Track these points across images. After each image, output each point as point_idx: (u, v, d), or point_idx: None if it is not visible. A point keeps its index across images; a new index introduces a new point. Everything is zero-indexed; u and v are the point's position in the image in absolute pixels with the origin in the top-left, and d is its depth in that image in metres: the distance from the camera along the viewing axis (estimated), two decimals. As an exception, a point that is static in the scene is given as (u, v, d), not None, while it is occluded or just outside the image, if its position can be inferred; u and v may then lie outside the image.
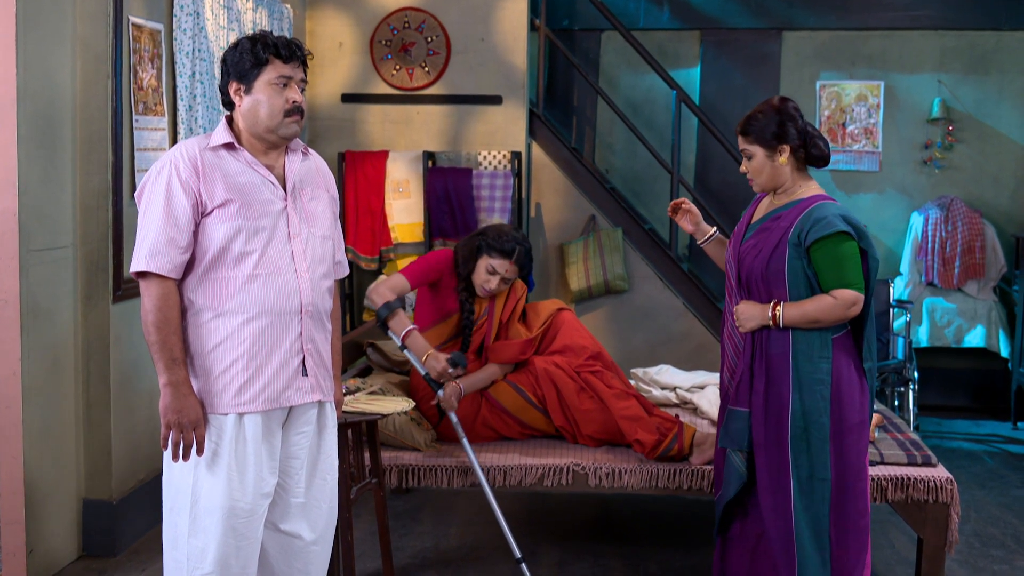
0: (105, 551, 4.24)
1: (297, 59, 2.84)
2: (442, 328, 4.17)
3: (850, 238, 3.15)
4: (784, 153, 3.25)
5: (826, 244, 3.14)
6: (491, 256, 4.09)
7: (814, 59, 7.42)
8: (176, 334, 2.73)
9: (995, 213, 7.30)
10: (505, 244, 4.09)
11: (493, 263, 4.09)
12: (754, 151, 3.27)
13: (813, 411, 3.18)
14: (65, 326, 4.11)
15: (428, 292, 4.20)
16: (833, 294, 3.15)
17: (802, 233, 3.16)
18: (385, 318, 3.88)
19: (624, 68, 7.49)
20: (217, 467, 2.75)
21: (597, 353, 4.26)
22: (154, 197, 2.75)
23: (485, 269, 4.10)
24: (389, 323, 3.89)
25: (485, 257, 4.10)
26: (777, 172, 3.27)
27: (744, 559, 3.41)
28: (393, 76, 6.48)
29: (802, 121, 3.27)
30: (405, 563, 4.25)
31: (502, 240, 4.10)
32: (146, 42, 4.37)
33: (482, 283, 4.12)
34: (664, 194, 7.19)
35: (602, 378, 4.12)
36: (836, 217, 3.15)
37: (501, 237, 4.11)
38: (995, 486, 5.50)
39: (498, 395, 4.11)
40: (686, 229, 3.63)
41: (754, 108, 3.32)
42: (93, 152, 4.16)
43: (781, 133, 3.24)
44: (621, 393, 4.07)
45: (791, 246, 3.17)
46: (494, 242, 4.09)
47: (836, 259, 3.15)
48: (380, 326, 3.93)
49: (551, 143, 6.63)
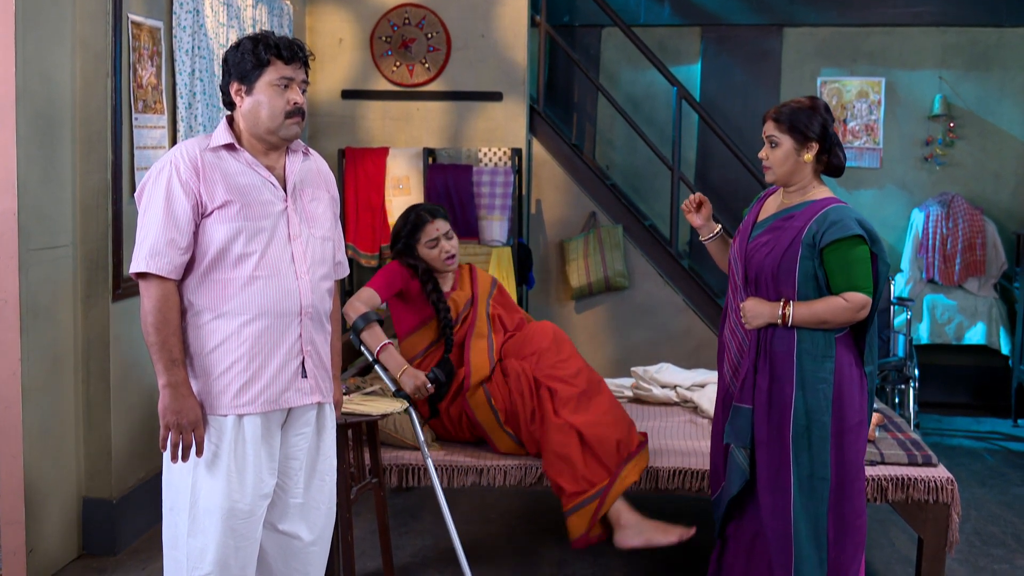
0: (105, 550, 4.24)
1: (299, 60, 2.83)
2: (424, 333, 4.08)
3: (864, 242, 3.17)
4: (812, 151, 3.25)
5: (840, 246, 3.15)
6: (422, 226, 4.06)
7: (815, 55, 7.41)
8: (176, 335, 2.72)
9: (996, 210, 7.28)
10: (419, 219, 4.06)
11: (429, 229, 4.05)
12: (782, 140, 3.26)
13: (815, 410, 3.19)
14: (65, 325, 4.11)
15: (399, 302, 4.11)
16: (844, 296, 3.16)
17: (817, 234, 3.17)
18: (360, 330, 3.82)
19: (624, 64, 7.48)
20: (216, 468, 2.75)
21: (577, 370, 4.02)
22: (154, 198, 2.74)
23: (427, 243, 4.05)
24: (363, 337, 3.83)
25: (420, 245, 4.06)
26: (798, 168, 3.27)
27: (740, 558, 3.41)
28: (393, 72, 6.47)
29: (832, 126, 3.28)
30: (405, 562, 4.25)
31: (411, 218, 4.08)
32: (146, 40, 4.36)
33: (438, 256, 4.07)
34: (664, 191, 7.18)
35: (557, 398, 3.85)
36: (852, 220, 3.17)
37: (408, 217, 4.10)
38: (995, 484, 5.49)
39: (475, 406, 3.95)
40: (695, 223, 3.60)
41: (789, 100, 3.32)
42: (93, 151, 4.15)
43: (817, 130, 3.24)
44: (564, 426, 3.77)
45: (804, 246, 3.18)
46: (413, 213, 4.08)
47: (848, 262, 3.16)
48: (354, 339, 3.86)
49: (551, 139, 6.61)
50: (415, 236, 4.07)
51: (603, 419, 3.84)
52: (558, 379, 3.91)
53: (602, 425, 3.81)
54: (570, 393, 3.87)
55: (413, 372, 3.78)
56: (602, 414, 3.86)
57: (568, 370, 3.95)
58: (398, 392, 3.74)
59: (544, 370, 3.93)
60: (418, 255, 4.08)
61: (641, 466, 3.82)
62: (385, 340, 3.83)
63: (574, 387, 3.89)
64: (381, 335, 3.84)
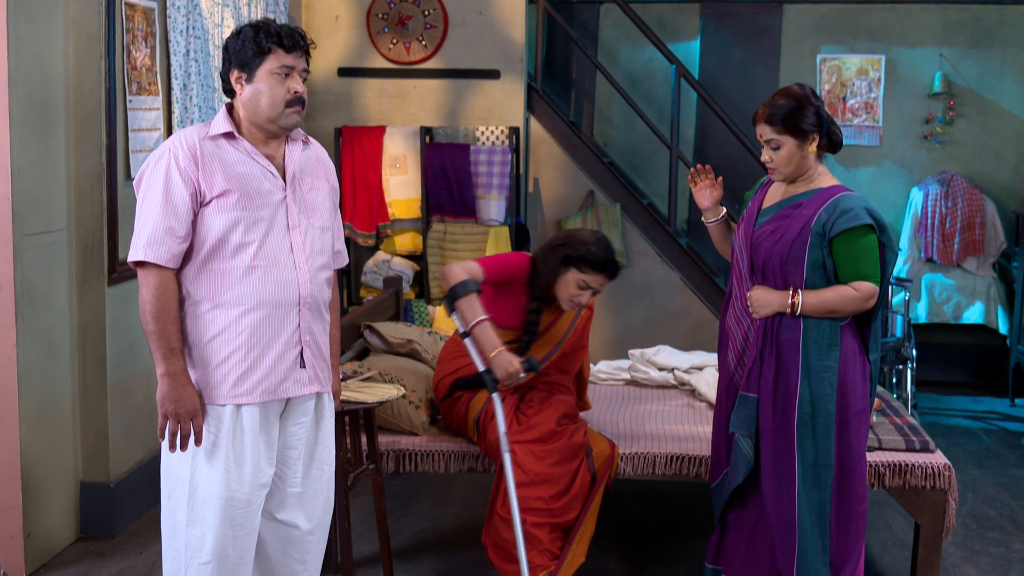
0: (103, 533, 4.25)
1: (300, 48, 2.81)
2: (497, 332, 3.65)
3: (873, 231, 3.16)
4: (814, 143, 3.22)
5: (850, 235, 3.14)
6: (583, 271, 3.67)
7: (815, 32, 7.35)
8: (174, 324, 2.71)
9: (996, 188, 7.26)
10: (596, 256, 3.66)
11: (586, 279, 3.67)
12: (783, 141, 3.22)
13: (820, 398, 3.19)
14: (60, 310, 4.09)
15: (491, 291, 3.73)
16: (853, 286, 3.15)
17: (828, 223, 3.15)
18: (457, 297, 3.45)
19: (623, 41, 7.42)
20: (215, 458, 2.75)
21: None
22: (152, 186, 2.72)
23: (576, 284, 3.68)
24: (459, 305, 3.45)
25: (575, 271, 3.67)
26: (804, 162, 3.24)
27: (742, 545, 3.42)
28: (390, 50, 6.42)
29: (822, 106, 3.25)
30: (403, 545, 4.26)
31: (592, 251, 3.66)
32: (139, 21, 4.31)
33: (570, 297, 3.70)
34: (663, 168, 7.15)
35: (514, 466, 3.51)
36: (862, 210, 3.15)
37: (591, 247, 3.67)
38: (992, 465, 5.51)
39: (468, 412, 3.82)
40: (702, 204, 3.55)
41: (773, 96, 3.25)
42: (86, 134, 4.11)
43: (816, 122, 3.21)
44: (508, 520, 3.50)
45: (814, 235, 3.16)
46: (586, 255, 3.65)
47: (858, 251, 3.15)
48: (447, 305, 3.50)
49: (549, 117, 6.58)
50: (581, 267, 3.67)
51: (550, 503, 3.57)
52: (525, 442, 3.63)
53: (545, 512, 3.56)
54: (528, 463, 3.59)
55: (508, 357, 3.40)
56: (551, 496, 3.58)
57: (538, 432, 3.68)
58: (485, 372, 3.36)
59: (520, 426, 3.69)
60: (557, 278, 3.71)
61: (588, 534, 3.64)
62: (483, 316, 3.46)
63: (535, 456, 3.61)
64: (479, 309, 3.47)
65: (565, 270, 3.68)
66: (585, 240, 3.70)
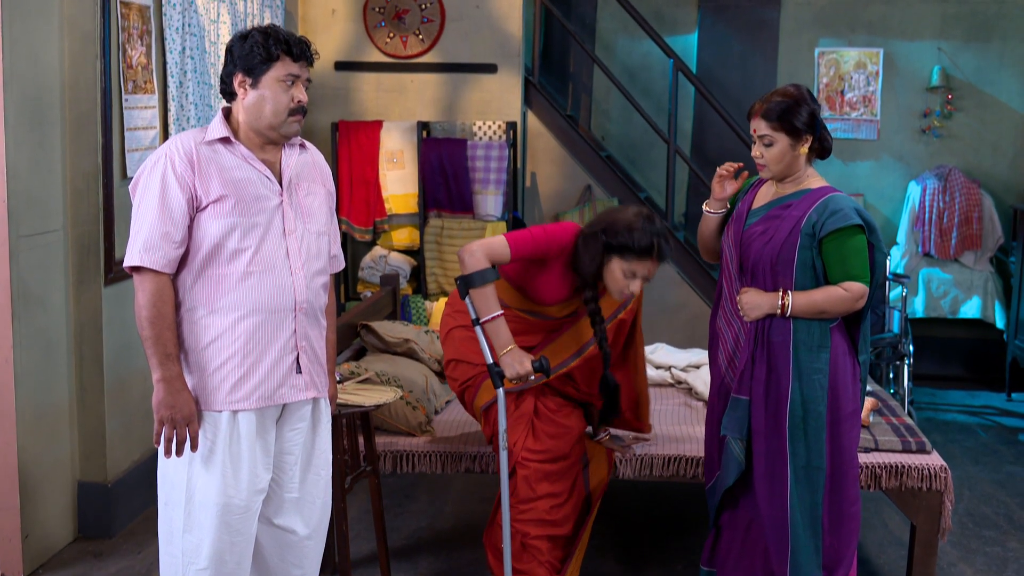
0: (101, 533, 4.25)
1: (306, 58, 2.81)
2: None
3: (862, 231, 3.16)
4: (807, 144, 3.22)
5: (840, 236, 3.14)
6: (626, 259, 3.34)
7: (813, 25, 7.33)
8: (170, 329, 2.70)
9: (993, 182, 7.25)
10: (640, 241, 3.31)
11: (632, 267, 3.34)
12: (777, 138, 3.22)
13: (811, 400, 3.19)
14: (57, 310, 4.08)
15: (520, 267, 3.47)
16: (843, 286, 3.15)
17: (818, 224, 3.15)
18: (472, 287, 3.26)
19: (621, 34, 7.39)
20: (212, 463, 2.75)
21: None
22: (148, 191, 2.71)
23: (622, 273, 3.36)
24: (472, 294, 3.27)
25: (618, 260, 3.35)
26: (795, 161, 3.24)
27: (735, 546, 3.43)
28: (387, 44, 6.39)
29: (818, 110, 3.25)
30: (400, 544, 4.27)
31: (634, 236, 3.32)
32: (135, 19, 4.29)
33: (620, 289, 3.39)
34: (660, 162, 7.13)
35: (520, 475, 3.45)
36: (851, 210, 3.16)
37: (632, 232, 3.32)
38: (989, 462, 5.52)
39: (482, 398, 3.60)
40: (717, 194, 3.41)
41: (770, 93, 3.26)
42: (82, 134, 4.10)
43: (810, 123, 3.21)
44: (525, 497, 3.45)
45: (804, 235, 3.16)
46: (626, 241, 3.32)
47: (847, 251, 3.15)
48: (460, 288, 3.30)
49: (546, 111, 6.56)
50: (623, 254, 3.35)
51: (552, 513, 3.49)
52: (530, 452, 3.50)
53: (548, 523, 3.49)
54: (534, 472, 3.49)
55: (520, 355, 3.25)
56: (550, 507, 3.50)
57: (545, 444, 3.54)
58: (493, 367, 3.22)
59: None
60: (604, 263, 3.39)
61: (583, 550, 3.59)
62: (499, 310, 3.29)
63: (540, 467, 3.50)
64: (495, 303, 3.28)
65: (608, 259, 3.36)
66: (626, 224, 3.34)
